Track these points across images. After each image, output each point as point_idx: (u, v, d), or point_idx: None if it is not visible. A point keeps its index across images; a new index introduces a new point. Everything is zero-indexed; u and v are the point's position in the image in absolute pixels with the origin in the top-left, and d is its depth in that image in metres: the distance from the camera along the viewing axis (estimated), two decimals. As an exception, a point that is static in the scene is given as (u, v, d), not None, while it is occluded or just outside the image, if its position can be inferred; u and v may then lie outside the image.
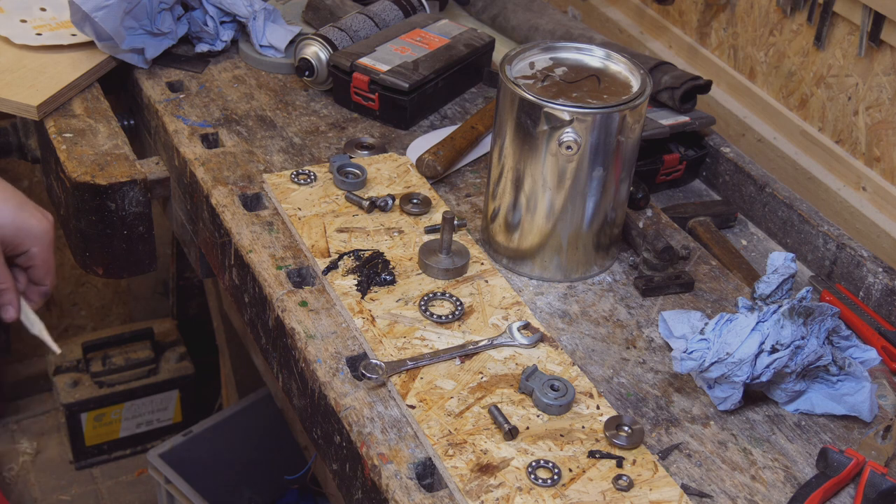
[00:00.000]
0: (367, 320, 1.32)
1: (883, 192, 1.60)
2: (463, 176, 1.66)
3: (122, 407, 3.00)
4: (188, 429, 2.47)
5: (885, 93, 1.59)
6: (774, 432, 1.26)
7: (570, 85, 1.40)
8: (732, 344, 1.24)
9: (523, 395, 1.24)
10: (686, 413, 1.28)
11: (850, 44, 1.64)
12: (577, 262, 1.46)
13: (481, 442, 1.17)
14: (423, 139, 1.73)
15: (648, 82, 1.39)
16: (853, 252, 1.54)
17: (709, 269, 1.51)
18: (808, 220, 1.61)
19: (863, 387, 1.28)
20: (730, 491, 1.17)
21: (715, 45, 1.95)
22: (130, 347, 3.05)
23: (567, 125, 1.33)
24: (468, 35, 1.90)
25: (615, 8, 2.21)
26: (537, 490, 1.12)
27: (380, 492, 1.14)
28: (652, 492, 1.13)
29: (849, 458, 1.19)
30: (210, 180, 1.57)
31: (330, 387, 1.25)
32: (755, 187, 1.69)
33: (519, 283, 1.46)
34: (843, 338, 1.34)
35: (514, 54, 1.44)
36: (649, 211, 1.62)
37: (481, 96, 1.90)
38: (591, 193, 1.40)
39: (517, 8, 2.10)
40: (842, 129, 1.69)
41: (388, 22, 1.93)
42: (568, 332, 1.38)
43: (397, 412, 1.22)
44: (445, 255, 1.41)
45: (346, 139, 1.71)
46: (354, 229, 1.47)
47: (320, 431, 1.30)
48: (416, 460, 1.16)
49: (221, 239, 1.53)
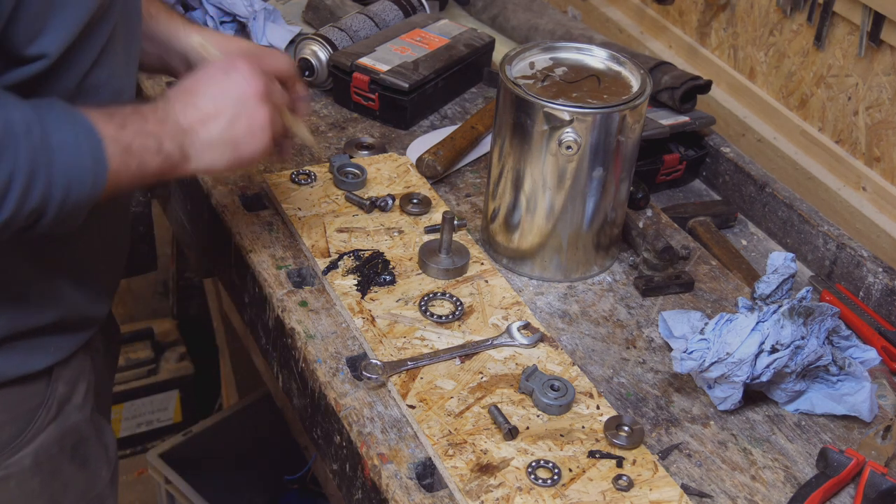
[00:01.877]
0: (367, 320, 1.32)
1: (883, 192, 1.60)
2: (463, 176, 1.66)
3: (122, 407, 2.99)
4: (188, 429, 2.47)
5: (885, 93, 1.59)
6: (774, 432, 1.26)
7: (570, 85, 1.40)
8: (732, 344, 1.24)
9: (523, 395, 1.24)
10: (686, 413, 1.28)
11: (850, 44, 1.64)
12: (577, 262, 1.46)
13: (481, 442, 1.17)
14: (423, 139, 1.73)
15: (648, 82, 1.39)
16: (853, 252, 1.54)
17: (709, 269, 1.51)
18: (808, 220, 1.61)
19: (863, 387, 1.28)
20: (730, 491, 1.17)
21: (715, 45, 1.95)
22: (130, 347, 3.04)
23: (567, 125, 1.33)
24: (468, 35, 1.90)
25: (615, 8, 2.21)
26: (537, 490, 1.12)
27: (380, 492, 1.14)
28: (652, 492, 1.13)
29: (849, 458, 1.19)
30: (210, 180, 1.57)
31: (330, 387, 1.25)
32: (755, 187, 1.69)
33: (519, 283, 1.46)
34: (843, 338, 1.34)
35: (514, 54, 1.44)
36: (649, 211, 1.62)
37: (481, 96, 1.90)
38: (591, 193, 1.40)
39: (517, 8, 2.10)
40: (842, 129, 1.69)
41: (388, 22, 1.92)
42: (568, 332, 1.38)
43: (397, 412, 1.22)
44: (445, 255, 1.41)
45: (346, 139, 1.71)
46: (354, 229, 1.47)
47: (320, 431, 1.30)
48: (416, 460, 1.16)
49: (221, 239, 1.53)
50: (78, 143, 1.01)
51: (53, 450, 1.26)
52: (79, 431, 1.29)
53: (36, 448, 1.23)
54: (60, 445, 1.26)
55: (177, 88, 1.17)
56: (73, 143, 1.00)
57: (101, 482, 1.35)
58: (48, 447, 1.25)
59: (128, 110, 1.09)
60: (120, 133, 1.06)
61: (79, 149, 1.01)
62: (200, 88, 1.17)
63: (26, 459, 1.22)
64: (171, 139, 1.12)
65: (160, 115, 1.12)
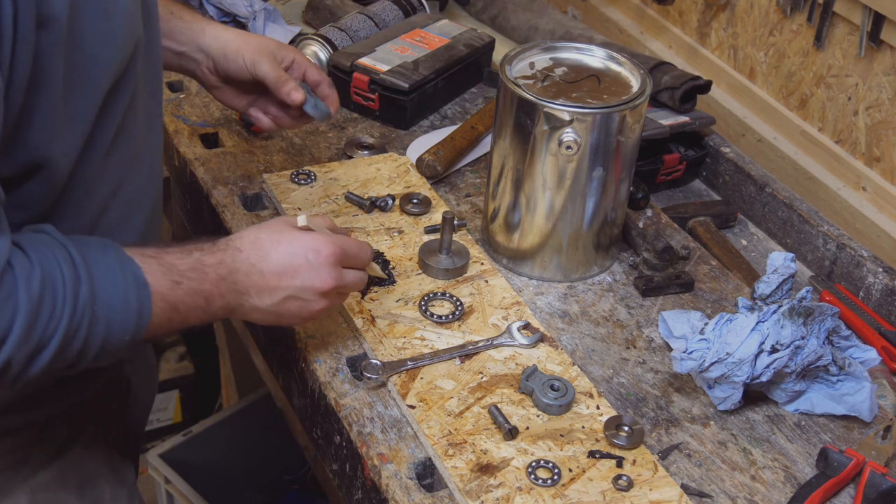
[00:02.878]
0: (367, 320, 1.32)
1: (883, 192, 1.60)
2: (463, 176, 1.66)
3: (122, 407, 2.99)
4: (188, 429, 2.47)
5: (885, 93, 1.59)
6: (774, 432, 1.26)
7: (570, 85, 1.40)
8: (732, 344, 1.24)
9: (523, 395, 1.24)
10: (686, 413, 1.27)
11: (850, 44, 1.64)
12: (577, 262, 1.46)
13: (481, 442, 1.17)
14: (423, 139, 1.73)
15: (648, 82, 1.39)
16: (853, 252, 1.54)
17: (709, 269, 1.51)
18: (808, 220, 1.61)
19: (863, 387, 1.28)
20: (730, 491, 1.17)
21: (715, 45, 1.95)
22: (130, 347, 3.04)
23: (567, 125, 1.33)
24: (468, 35, 1.90)
25: (615, 8, 2.20)
26: (537, 490, 1.12)
27: (380, 492, 1.14)
28: (652, 492, 1.13)
29: (849, 458, 1.19)
30: (210, 180, 1.57)
31: (330, 387, 1.25)
32: (755, 187, 1.69)
33: (519, 283, 1.46)
34: (843, 338, 1.34)
35: (514, 54, 1.44)
36: (649, 211, 1.62)
37: (481, 96, 1.90)
38: (591, 193, 1.40)
39: (517, 8, 2.10)
40: (842, 129, 1.69)
41: (388, 22, 1.93)
42: (568, 332, 1.38)
43: (397, 412, 1.22)
44: (445, 255, 1.41)
45: (346, 139, 1.71)
46: (354, 229, 1.47)
47: (320, 431, 1.30)
48: (416, 460, 1.16)
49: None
50: (126, 302, 0.99)
51: (53, 487, 1.23)
52: (84, 469, 1.27)
53: (32, 487, 1.21)
54: (62, 482, 1.24)
55: (252, 241, 1.13)
56: (121, 301, 0.99)
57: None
58: (47, 485, 1.23)
59: (190, 261, 1.06)
60: (173, 292, 1.03)
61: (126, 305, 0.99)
62: (274, 254, 1.12)
63: (21, 498, 1.20)
64: (223, 297, 1.09)
65: (222, 272, 1.09)
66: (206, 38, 1.36)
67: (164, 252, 1.06)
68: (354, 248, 1.19)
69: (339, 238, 1.18)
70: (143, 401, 1.49)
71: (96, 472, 1.29)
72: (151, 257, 1.03)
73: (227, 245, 1.11)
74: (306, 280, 1.13)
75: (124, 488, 1.33)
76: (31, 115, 0.98)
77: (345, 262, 1.17)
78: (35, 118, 0.99)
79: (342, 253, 1.16)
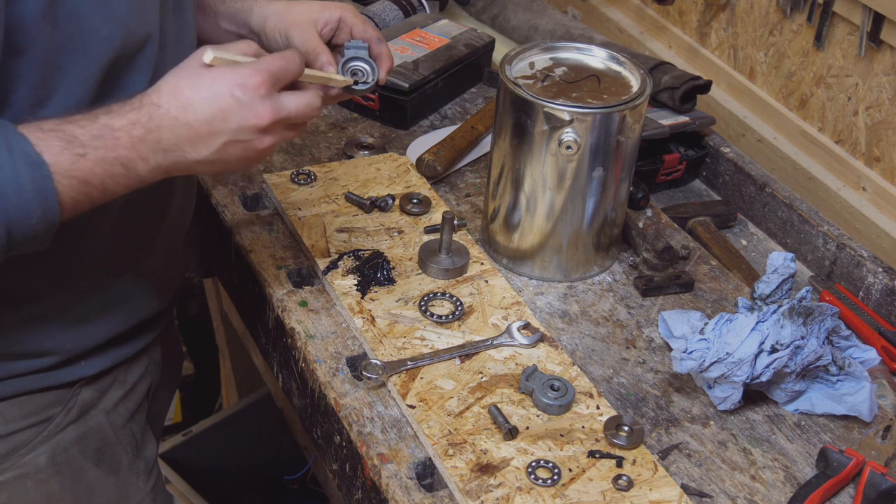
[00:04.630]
0: (367, 320, 1.32)
1: (883, 192, 1.60)
2: (463, 176, 1.66)
3: (122, 407, 2.99)
4: (188, 429, 2.47)
5: (885, 93, 1.59)
6: (774, 432, 1.26)
7: (570, 85, 1.40)
8: (732, 344, 1.24)
9: (523, 395, 1.24)
10: (686, 413, 1.28)
11: (850, 44, 1.64)
12: (577, 262, 1.46)
13: (481, 442, 1.17)
14: (423, 139, 1.73)
15: (648, 82, 1.39)
16: (853, 252, 1.54)
17: (709, 269, 1.51)
18: (808, 220, 1.61)
19: (863, 387, 1.28)
20: (730, 491, 1.17)
21: (715, 45, 1.95)
22: (130, 347, 3.04)
23: (567, 125, 1.33)
24: (468, 35, 1.90)
25: (615, 8, 2.21)
26: (537, 490, 1.12)
27: (380, 492, 1.14)
28: (652, 492, 1.13)
29: (849, 458, 1.19)
30: (210, 180, 1.57)
31: (330, 387, 1.25)
32: (755, 187, 1.69)
33: (519, 283, 1.46)
34: (843, 338, 1.34)
35: (514, 54, 1.44)
36: (649, 211, 1.62)
37: (481, 96, 1.90)
38: (591, 193, 1.40)
39: (517, 8, 2.10)
40: (842, 129, 1.69)
41: (388, 22, 1.93)
42: (568, 332, 1.38)
43: (397, 412, 1.22)
44: (445, 255, 1.41)
45: (346, 139, 1.71)
46: (354, 229, 1.47)
47: (320, 431, 1.30)
48: (416, 460, 1.16)
49: (221, 239, 1.53)
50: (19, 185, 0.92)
51: (72, 451, 1.24)
52: (103, 436, 1.28)
53: (52, 447, 1.22)
54: (81, 447, 1.25)
55: (171, 90, 1.01)
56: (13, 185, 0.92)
57: (137, 492, 1.33)
58: (66, 448, 1.24)
59: (95, 128, 0.97)
60: (76, 165, 0.96)
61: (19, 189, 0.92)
62: (197, 101, 1.01)
63: (41, 458, 1.21)
64: (146, 161, 1.00)
65: (137, 134, 0.99)
66: (254, 17, 1.30)
67: (66, 123, 0.96)
68: (281, 64, 1.05)
69: (263, 62, 1.04)
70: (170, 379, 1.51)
71: (116, 441, 1.30)
72: (50, 131, 0.95)
73: (141, 102, 1.00)
74: (241, 120, 1.01)
75: (141, 461, 1.34)
76: (17, 80, 0.97)
77: (278, 86, 1.05)
78: (21, 83, 0.97)
79: (272, 78, 1.03)
